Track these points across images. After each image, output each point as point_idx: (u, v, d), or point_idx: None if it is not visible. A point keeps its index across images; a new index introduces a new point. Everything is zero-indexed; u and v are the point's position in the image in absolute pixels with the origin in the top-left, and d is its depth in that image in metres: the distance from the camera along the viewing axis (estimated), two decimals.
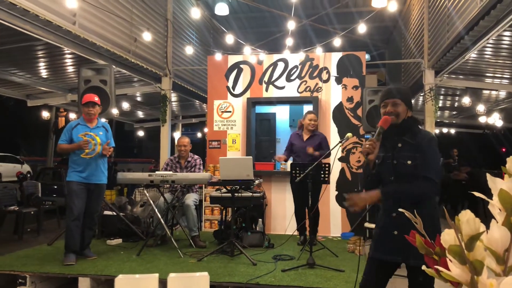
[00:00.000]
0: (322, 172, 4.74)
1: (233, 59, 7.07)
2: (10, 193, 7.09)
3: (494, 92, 8.83)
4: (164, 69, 7.97)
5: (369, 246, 5.07)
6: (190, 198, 5.39)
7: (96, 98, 4.69)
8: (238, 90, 6.97)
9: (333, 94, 6.66)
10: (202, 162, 5.78)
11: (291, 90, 6.82)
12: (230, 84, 6.99)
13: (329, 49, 7.42)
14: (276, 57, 6.97)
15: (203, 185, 6.47)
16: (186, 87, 9.04)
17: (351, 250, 5.04)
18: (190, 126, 16.65)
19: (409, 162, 2.27)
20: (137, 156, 28.63)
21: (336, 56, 6.78)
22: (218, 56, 7.11)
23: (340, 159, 6.42)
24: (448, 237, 0.81)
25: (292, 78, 6.85)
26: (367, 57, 8.99)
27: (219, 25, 9.82)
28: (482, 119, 11.24)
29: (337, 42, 7.20)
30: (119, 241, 5.47)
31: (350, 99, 6.62)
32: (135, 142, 28.09)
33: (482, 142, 15.37)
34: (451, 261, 0.82)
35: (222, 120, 6.97)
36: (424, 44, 7.44)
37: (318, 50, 6.96)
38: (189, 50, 8.26)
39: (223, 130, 6.96)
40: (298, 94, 6.80)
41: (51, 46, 5.85)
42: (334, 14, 8.90)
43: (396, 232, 2.29)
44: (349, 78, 6.68)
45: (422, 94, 7.69)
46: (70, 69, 7.46)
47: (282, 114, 7.31)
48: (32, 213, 7.00)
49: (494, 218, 0.87)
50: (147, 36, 6.67)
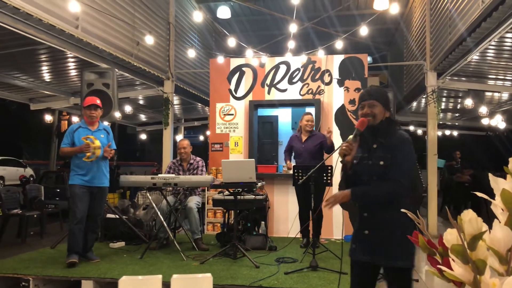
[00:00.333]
0: (324, 174, 4.74)
1: (235, 62, 7.09)
2: (13, 196, 7.11)
3: (496, 94, 8.82)
4: (166, 72, 8.00)
5: None
6: (193, 201, 5.39)
7: (98, 101, 4.69)
8: (240, 93, 6.98)
9: (335, 97, 6.66)
10: (204, 164, 5.79)
11: (293, 92, 6.82)
12: (232, 87, 7.00)
13: (331, 51, 7.43)
14: (278, 59, 6.98)
15: (206, 187, 6.47)
16: (189, 90, 9.06)
17: None
18: (193, 129, 16.66)
19: (381, 162, 2.28)
20: (139, 159, 28.66)
21: (338, 58, 6.79)
22: (220, 59, 7.13)
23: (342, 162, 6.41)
24: (450, 236, 0.81)
25: (294, 80, 6.85)
26: (369, 59, 8.99)
27: (221, 28, 9.85)
28: (485, 121, 11.21)
29: (339, 44, 7.21)
30: (122, 244, 5.48)
31: (352, 102, 6.62)
32: (138, 145, 28.12)
33: (485, 144, 15.31)
34: (454, 260, 0.82)
35: (225, 123, 6.98)
36: (426, 46, 7.44)
37: (320, 53, 6.97)
38: (191, 53, 8.28)
39: (226, 133, 6.97)
40: (300, 97, 6.80)
41: (54, 50, 5.87)
42: (336, 17, 8.91)
43: (367, 232, 2.30)
44: (351, 80, 6.68)
45: (424, 96, 7.68)
46: (73, 72, 7.49)
47: (284, 116, 7.30)
48: (35, 216, 7.02)
49: (497, 219, 0.87)
50: (150, 39, 6.70)
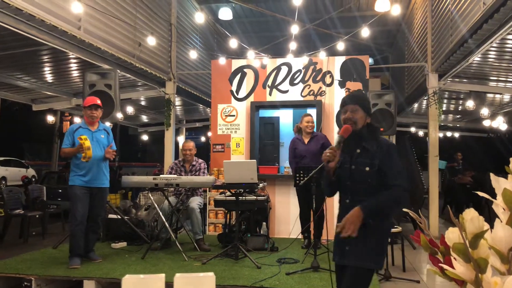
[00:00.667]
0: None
1: (236, 63, 7.10)
2: (16, 197, 7.13)
3: (498, 95, 8.81)
4: (168, 73, 8.02)
5: None
6: (195, 202, 5.40)
7: (98, 101, 4.67)
8: (242, 94, 7.00)
9: (336, 98, 6.67)
10: (206, 166, 5.80)
11: (295, 94, 6.83)
12: (234, 88, 7.02)
13: (332, 53, 7.44)
14: (279, 61, 6.99)
15: (208, 188, 6.48)
16: (190, 91, 9.08)
17: None
18: (194, 130, 16.68)
19: (367, 168, 2.29)
20: (141, 160, 28.69)
21: (339, 60, 6.80)
22: (222, 60, 7.14)
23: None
24: (452, 235, 0.82)
25: (295, 82, 6.86)
26: (371, 61, 9.00)
27: (223, 29, 9.86)
28: (486, 123, 11.19)
29: (340, 46, 7.22)
30: (124, 244, 5.49)
31: None
32: (139, 146, 28.16)
33: (486, 145, 15.30)
34: (456, 259, 0.82)
35: (226, 124, 6.99)
36: (427, 47, 7.45)
37: (322, 54, 6.98)
38: (193, 55, 8.30)
39: (227, 134, 6.98)
40: (301, 98, 6.81)
41: (56, 51, 5.89)
42: (337, 18, 8.92)
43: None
44: (352, 82, 6.69)
45: (425, 98, 7.68)
46: (75, 73, 7.51)
47: (285, 118, 7.31)
48: (37, 216, 7.03)
49: (499, 218, 0.88)
50: (151, 40, 6.71)
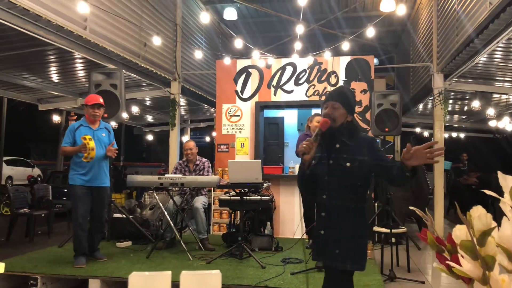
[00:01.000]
0: None
1: (241, 63, 7.11)
2: (22, 196, 7.18)
3: (504, 95, 8.76)
4: (173, 73, 8.04)
5: (378, 250, 5.04)
6: (199, 201, 5.41)
7: (101, 100, 4.65)
8: (247, 94, 7.00)
9: None
10: (210, 165, 5.81)
11: (300, 94, 6.83)
12: (239, 88, 7.03)
13: (337, 53, 7.43)
14: (284, 61, 6.99)
15: (212, 188, 6.49)
16: (195, 92, 9.10)
17: None
18: (199, 130, 16.72)
19: (348, 164, 2.26)
20: (145, 160, 28.76)
21: (344, 60, 6.79)
22: (227, 60, 7.15)
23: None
24: (459, 232, 0.82)
25: (300, 82, 6.86)
26: (376, 61, 8.97)
27: (228, 29, 9.87)
28: (492, 123, 11.14)
29: (345, 46, 7.21)
30: (129, 243, 5.51)
31: (358, 103, 6.61)
32: (144, 146, 28.24)
33: (492, 146, 15.20)
34: (463, 256, 0.82)
35: (231, 124, 7.00)
36: (433, 47, 7.42)
37: (327, 54, 6.98)
38: (198, 55, 8.32)
39: (232, 134, 6.99)
40: (306, 98, 6.81)
41: (63, 51, 5.92)
42: (342, 18, 8.91)
43: (322, 232, 2.31)
44: (357, 82, 6.68)
45: (431, 98, 7.65)
46: (81, 73, 7.55)
47: (290, 118, 7.31)
48: (43, 215, 7.08)
49: (506, 216, 0.88)
50: (157, 40, 6.74)
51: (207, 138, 17.05)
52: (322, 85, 6.77)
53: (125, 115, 7.91)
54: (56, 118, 11.07)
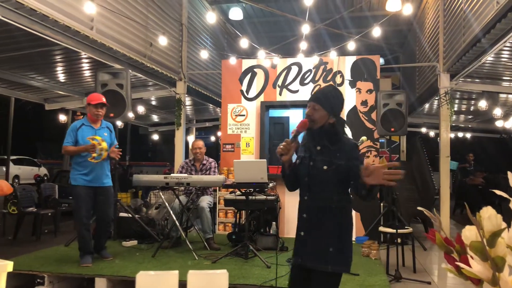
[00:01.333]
0: None
1: (247, 63, 7.11)
2: (28, 195, 7.23)
3: (511, 95, 8.69)
4: (179, 73, 8.06)
5: (384, 250, 5.02)
6: (205, 201, 5.42)
7: (104, 99, 4.63)
8: (252, 94, 7.01)
9: (347, 98, 6.63)
10: (217, 165, 5.82)
11: (305, 94, 6.82)
12: (244, 88, 7.03)
13: (343, 53, 7.41)
14: (290, 61, 6.99)
15: (218, 187, 6.50)
16: (201, 91, 9.12)
17: (366, 254, 5.01)
18: (204, 129, 16.76)
19: (324, 167, 2.23)
20: (151, 159, 28.86)
21: (350, 59, 6.77)
22: (232, 60, 7.16)
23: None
24: (469, 233, 0.81)
25: (306, 82, 6.85)
26: (382, 61, 8.94)
27: (234, 29, 9.88)
28: (499, 123, 11.06)
29: (351, 46, 7.19)
30: (134, 242, 5.53)
31: (364, 103, 6.60)
32: (150, 145, 28.34)
33: (499, 146, 15.10)
34: (472, 257, 0.82)
35: (236, 123, 7.01)
36: (439, 47, 7.38)
37: (332, 54, 6.96)
38: (203, 55, 8.33)
39: (237, 134, 6.99)
40: None
41: (69, 51, 5.95)
42: (348, 18, 8.88)
43: (302, 233, 2.31)
44: (363, 82, 6.66)
45: (437, 98, 7.61)
46: (87, 73, 7.59)
47: (295, 117, 7.29)
48: (49, 214, 7.13)
49: None
50: (163, 40, 6.75)
51: (212, 138, 17.08)
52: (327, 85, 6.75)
53: (131, 115, 7.95)
54: (62, 118, 11.13)
